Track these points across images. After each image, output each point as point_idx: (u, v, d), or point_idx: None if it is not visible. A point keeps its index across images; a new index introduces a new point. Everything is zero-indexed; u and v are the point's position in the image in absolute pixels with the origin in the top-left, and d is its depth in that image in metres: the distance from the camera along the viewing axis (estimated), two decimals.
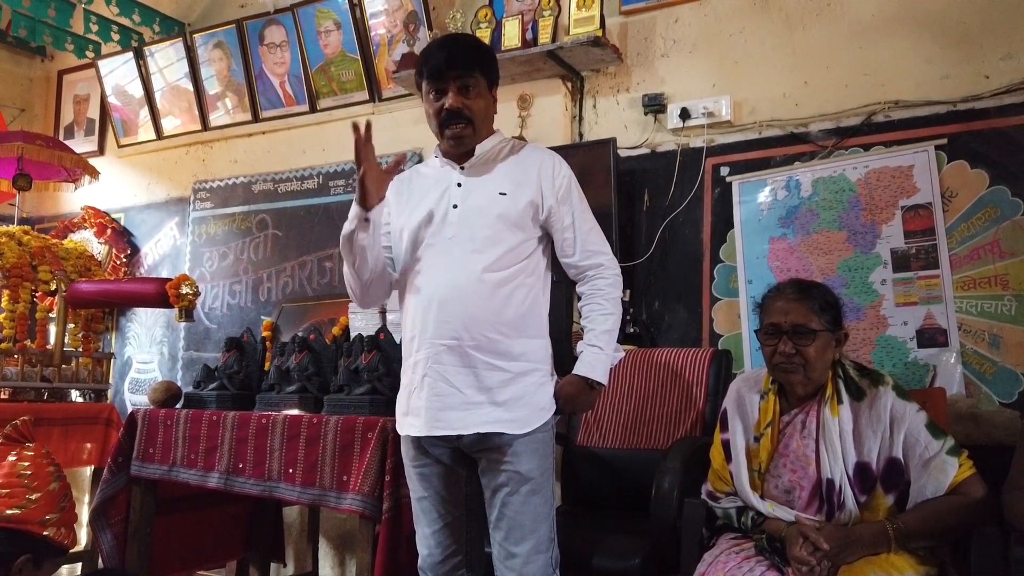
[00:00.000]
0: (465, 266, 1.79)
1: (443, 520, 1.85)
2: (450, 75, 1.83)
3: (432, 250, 1.85)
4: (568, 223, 1.89)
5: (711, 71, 2.92)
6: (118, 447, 2.67)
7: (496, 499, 1.78)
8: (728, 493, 1.88)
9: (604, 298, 1.88)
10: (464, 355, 1.76)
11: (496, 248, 1.81)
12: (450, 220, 1.84)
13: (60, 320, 3.40)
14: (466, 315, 1.77)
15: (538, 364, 1.83)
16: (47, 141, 3.74)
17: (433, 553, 1.85)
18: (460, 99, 1.83)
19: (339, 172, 3.70)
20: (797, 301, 1.81)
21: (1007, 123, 2.44)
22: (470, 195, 1.86)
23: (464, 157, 1.90)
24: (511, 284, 1.81)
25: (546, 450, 1.82)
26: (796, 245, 2.70)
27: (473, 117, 1.84)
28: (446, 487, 1.85)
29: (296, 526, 3.45)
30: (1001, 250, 2.40)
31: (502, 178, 1.87)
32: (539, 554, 1.76)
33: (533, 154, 1.93)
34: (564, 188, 1.89)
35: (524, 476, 1.76)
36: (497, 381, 1.77)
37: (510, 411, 1.77)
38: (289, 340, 2.64)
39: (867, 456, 1.71)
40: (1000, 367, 2.37)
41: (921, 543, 1.65)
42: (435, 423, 1.78)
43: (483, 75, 1.87)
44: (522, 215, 1.84)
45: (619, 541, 2.01)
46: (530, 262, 1.85)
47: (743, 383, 1.95)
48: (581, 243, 1.89)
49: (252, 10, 3.94)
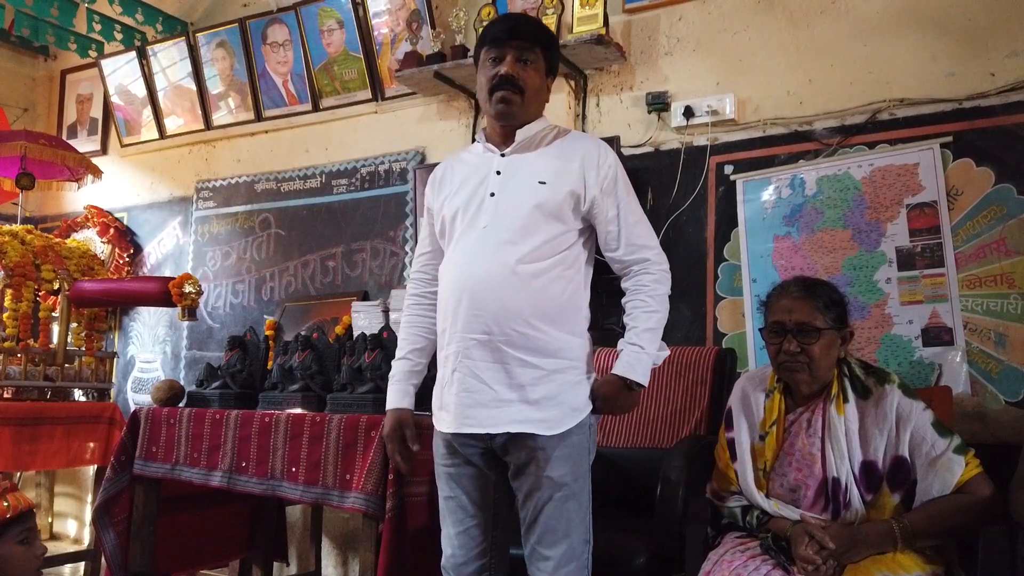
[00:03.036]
0: (499, 257, 1.72)
1: (469, 522, 1.79)
2: (510, 44, 1.78)
3: (466, 240, 1.79)
4: (612, 215, 1.80)
5: (715, 69, 2.92)
6: (121, 446, 2.67)
7: (529, 504, 1.72)
8: (733, 492, 1.87)
9: (649, 294, 1.80)
10: (495, 350, 1.70)
11: (532, 239, 1.73)
12: (485, 208, 1.78)
13: (63, 319, 3.40)
14: (498, 308, 1.70)
15: (574, 361, 1.75)
16: (50, 140, 3.74)
17: (456, 554, 1.79)
18: (517, 67, 1.78)
19: (342, 171, 3.70)
20: (802, 299, 1.80)
21: (1013, 121, 2.43)
22: (508, 183, 1.79)
23: (507, 142, 1.84)
24: (547, 276, 1.73)
25: (580, 454, 1.74)
26: (800, 243, 2.69)
27: (526, 88, 1.78)
28: (475, 489, 1.79)
29: (299, 525, 3.45)
30: (1007, 248, 2.39)
31: (543, 166, 1.80)
32: (572, 559, 1.70)
33: (578, 142, 1.86)
34: (610, 179, 1.81)
35: (557, 482, 1.69)
36: (530, 378, 1.70)
37: (542, 410, 1.69)
38: (292, 339, 2.64)
39: (873, 455, 1.70)
40: (1006, 366, 2.36)
41: (928, 542, 1.65)
42: (464, 420, 1.72)
43: (544, 54, 1.82)
44: (561, 206, 1.76)
45: (624, 540, 2.01)
46: (569, 254, 1.78)
47: (748, 382, 1.94)
48: (626, 236, 1.81)
49: (255, 9, 3.93)
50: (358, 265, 3.59)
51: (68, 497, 4.36)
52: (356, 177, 3.65)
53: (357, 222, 3.62)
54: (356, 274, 3.59)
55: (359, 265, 3.59)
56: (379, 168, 3.59)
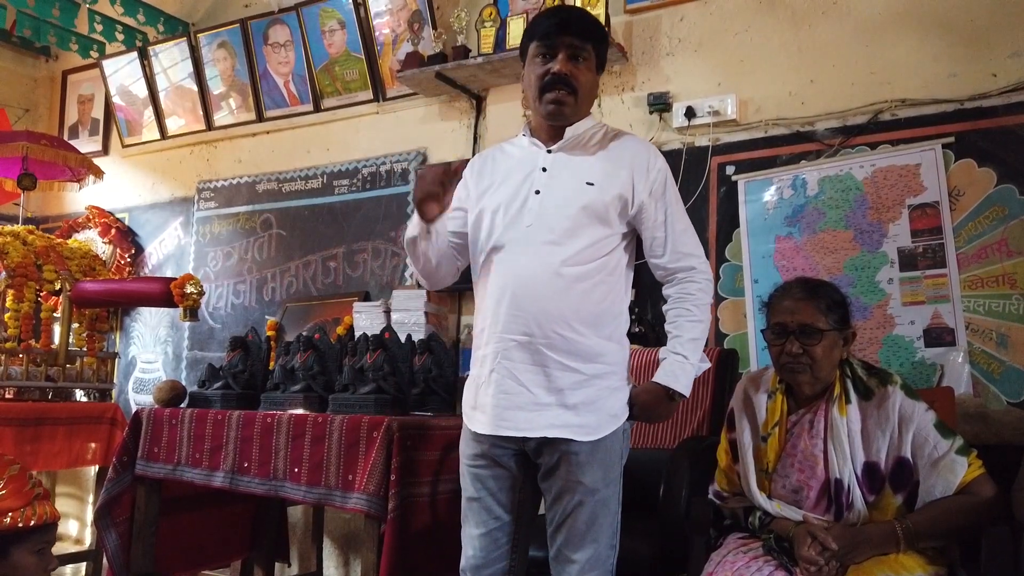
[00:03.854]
0: (542, 258, 1.68)
1: (493, 524, 1.76)
2: (563, 40, 1.71)
3: (508, 238, 1.73)
4: (660, 221, 1.77)
5: (716, 70, 2.91)
6: (123, 446, 2.67)
7: (558, 506, 1.70)
8: (735, 493, 1.87)
9: (694, 304, 1.76)
10: (536, 352, 1.67)
11: (576, 241, 1.69)
12: (530, 207, 1.73)
13: (65, 320, 3.40)
14: (540, 310, 1.66)
15: (614, 367, 1.72)
16: (52, 141, 3.74)
17: (476, 555, 1.76)
18: (569, 65, 1.72)
19: (343, 171, 3.70)
20: (804, 300, 1.80)
21: (1015, 121, 2.43)
22: (554, 182, 1.74)
23: (554, 138, 1.79)
24: (590, 280, 1.70)
25: (613, 459, 1.72)
26: (802, 244, 2.69)
27: (579, 88, 1.73)
28: (502, 491, 1.76)
29: (300, 526, 3.45)
30: (1009, 249, 2.39)
31: (591, 166, 1.75)
32: (597, 565, 1.68)
33: (628, 143, 1.82)
34: (659, 183, 1.77)
35: (588, 487, 1.67)
36: (569, 382, 1.67)
37: (580, 415, 1.66)
38: (294, 339, 2.64)
39: (876, 456, 1.70)
40: (1008, 366, 2.36)
41: (930, 543, 1.64)
42: (501, 422, 1.69)
43: (595, 50, 1.76)
44: (608, 208, 1.72)
45: (626, 540, 2.00)
46: (611, 258, 1.74)
47: (750, 383, 1.94)
48: (672, 243, 1.77)
49: (256, 10, 3.94)
50: (359, 266, 3.59)
51: (70, 498, 4.36)
52: (357, 178, 3.65)
53: (358, 222, 3.62)
54: (357, 275, 3.59)
55: (360, 266, 3.59)
56: (380, 168, 3.59)
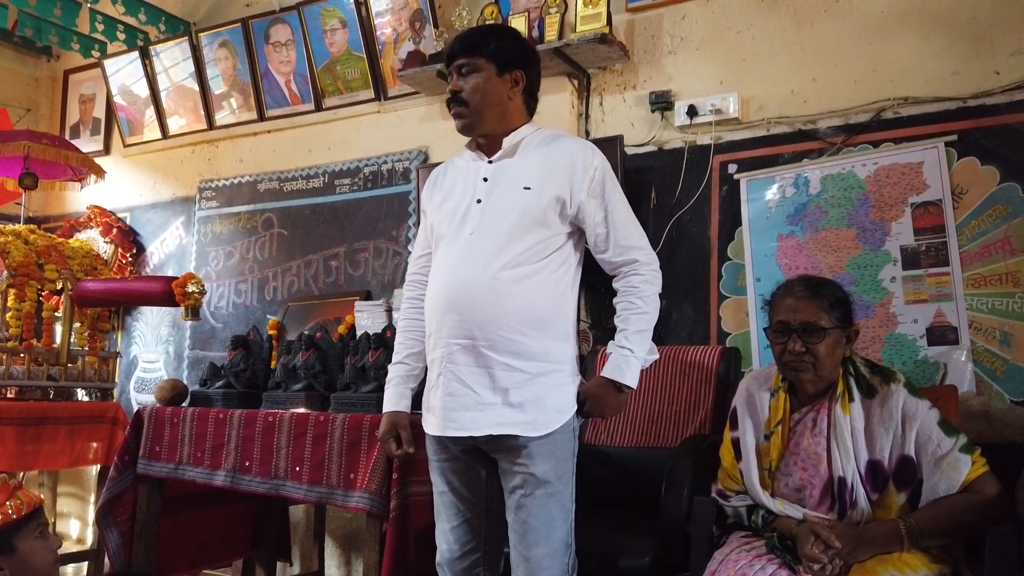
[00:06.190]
0: (482, 263, 1.74)
1: (462, 516, 1.82)
2: (453, 64, 1.84)
3: (452, 246, 1.81)
4: (600, 218, 1.81)
5: (718, 68, 2.91)
6: (124, 446, 2.67)
7: (512, 500, 1.74)
8: (738, 492, 1.86)
9: (638, 296, 1.80)
10: (479, 355, 1.72)
11: (517, 245, 1.75)
12: (472, 215, 1.80)
13: (66, 319, 3.40)
14: (482, 316, 1.72)
15: (559, 364, 1.77)
16: (53, 140, 3.73)
17: (452, 549, 1.82)
18: (459, 82, 1.82)
19: (345, 171, 3.69)
20: (807, 299, 1.79)
21: (1018, 119, 2.42)
22: (495, 190, 1.81)
23: (495, 149, 1.85)
24: (531, 281, 1.74)
25: (564, 453, 1.75)
26: (805, 242, 2.69)
27: (468, 99, 1.80)
28: (465, 484, 1.82)
29: (302, 525, 3.44)
30: (1012, 247, 2.39)
31: (529, 171, 1.81)
32: (553, 559, 1.71)
33: (566, 145, 1.85)
34: (597, 182, 1.81)
35: (539, 479, 1.71)
36: (514, 382, 1.72)
37: (525, 412, 1.71)
38: (295, 338, 2.64)
39: (879, 454, 1.69)
40: (1011, 365, 2.35)
41: (934, 541, 1.64)
42: (448, 423, 1.74)
43: (489, 58, 1.81)
44: (546, 211, 1.77)
45: (629, 540, 2.00)
46: (556, 258, 1.79)
47: (752, 381, 1.93)
48: (615, 238, 1.81)
49: (257, 9, 3.93)
50: (361, 265, 3.59)
51: (71, 497, 4.36)
52: (359, 177, 3.65)
53: (360, 222, 3.62)
54: (359, 274, 3.59)
55: (362, 265, 3.59)
56: (382, 168, 3.58)
